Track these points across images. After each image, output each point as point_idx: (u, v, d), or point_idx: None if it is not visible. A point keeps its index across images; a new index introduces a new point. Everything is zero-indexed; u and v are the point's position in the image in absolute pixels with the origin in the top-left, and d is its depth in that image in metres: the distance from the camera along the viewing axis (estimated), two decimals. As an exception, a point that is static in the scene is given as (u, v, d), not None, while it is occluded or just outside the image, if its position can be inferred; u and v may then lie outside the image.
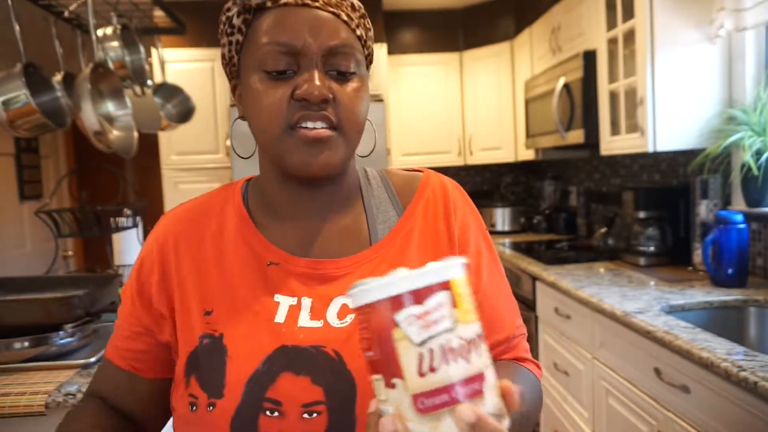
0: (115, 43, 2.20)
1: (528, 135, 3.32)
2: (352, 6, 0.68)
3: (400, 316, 0.40)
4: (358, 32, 0.68)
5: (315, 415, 0.63)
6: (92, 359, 1.39)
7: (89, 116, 1.77)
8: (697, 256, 2.17)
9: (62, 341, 1.40)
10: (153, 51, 3.03)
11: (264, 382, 0.64)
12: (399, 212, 0.76)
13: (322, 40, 0.64)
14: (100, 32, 2.15)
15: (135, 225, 2.24)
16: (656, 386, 1.59)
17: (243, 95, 0.70)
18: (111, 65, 2.11)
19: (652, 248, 2.38)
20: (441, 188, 0.77)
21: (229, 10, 0.68)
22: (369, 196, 0.77)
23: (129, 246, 2.28)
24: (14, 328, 1.38)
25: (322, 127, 0.64)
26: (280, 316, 0.67)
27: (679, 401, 1.48)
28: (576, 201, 3.55)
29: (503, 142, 3.82)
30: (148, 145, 3.28)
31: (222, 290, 0.70)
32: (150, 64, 2.53)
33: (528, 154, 3.48)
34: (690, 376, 1.43)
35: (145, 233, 2.46)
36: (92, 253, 4.42)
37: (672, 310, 1.75)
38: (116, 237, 2.25)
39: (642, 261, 2.38)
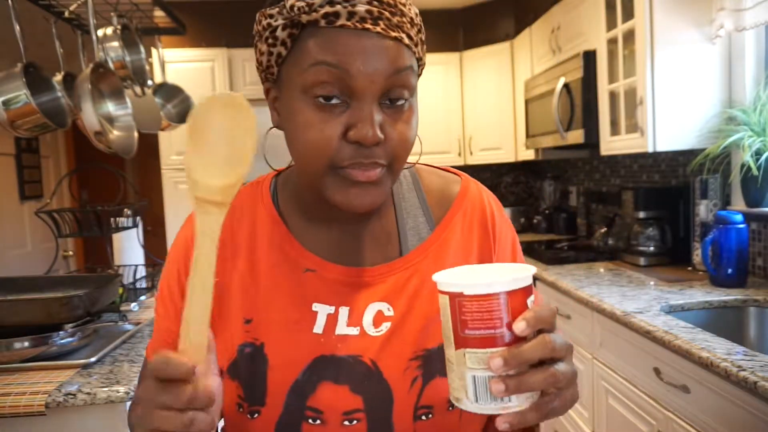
0: (116, 43, 2.20)
1: (528, 135, 3.32)
2: (412, 21, 0.61)
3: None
4: (416, 51, 0.62)
5: (355, 422, 0.65)
6: (92, 359, 1.39)
7: (89, 116, 1.77)
8: (697, 256, 2.17)
9: (62, 341, 1.40)
10: (153, 51, 3.03)
11: (305, 391, 0.65)
12: (428, 217, 0.73)
13: (380, 72, 0.58)
14: (100, 32, 2.15)
15: (135, 225, 2.24)
16: (656, 386, 1.59)
17: (282, 108, 0.65)
18: (111, 65, 2.11)
19: (651, 248, 2.38)
20: (479, 201, 0.75)
21: (272, 17, 0.60)
22: (400, 199, 0.74)
23: (129, 246, 2.28)
24: (14, 328, 1.38)
25: (372, 170, 0.60)
26: (319, 327, 0.67)
27: (679, 401, 1.48)
28: (576, 201, 3.55)
29: (503, 142, 3.82)
30: (148, 145, 3.28)
31: (260, 298, 0.69)
32: (150, 64, 2.53)
33: (528, 154, 3.47)
34: (690, 376, 1.43)
35: (145, 233, 2.46)
36: (92, 253, 4.42)
37: (672, 310, 1.75)
38: (116, 237, 2.25)
39: (642, 261, 2.38)
